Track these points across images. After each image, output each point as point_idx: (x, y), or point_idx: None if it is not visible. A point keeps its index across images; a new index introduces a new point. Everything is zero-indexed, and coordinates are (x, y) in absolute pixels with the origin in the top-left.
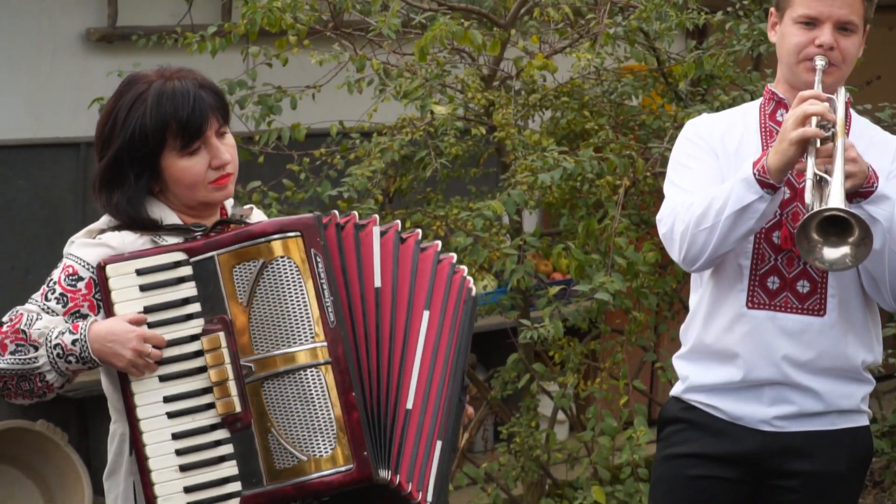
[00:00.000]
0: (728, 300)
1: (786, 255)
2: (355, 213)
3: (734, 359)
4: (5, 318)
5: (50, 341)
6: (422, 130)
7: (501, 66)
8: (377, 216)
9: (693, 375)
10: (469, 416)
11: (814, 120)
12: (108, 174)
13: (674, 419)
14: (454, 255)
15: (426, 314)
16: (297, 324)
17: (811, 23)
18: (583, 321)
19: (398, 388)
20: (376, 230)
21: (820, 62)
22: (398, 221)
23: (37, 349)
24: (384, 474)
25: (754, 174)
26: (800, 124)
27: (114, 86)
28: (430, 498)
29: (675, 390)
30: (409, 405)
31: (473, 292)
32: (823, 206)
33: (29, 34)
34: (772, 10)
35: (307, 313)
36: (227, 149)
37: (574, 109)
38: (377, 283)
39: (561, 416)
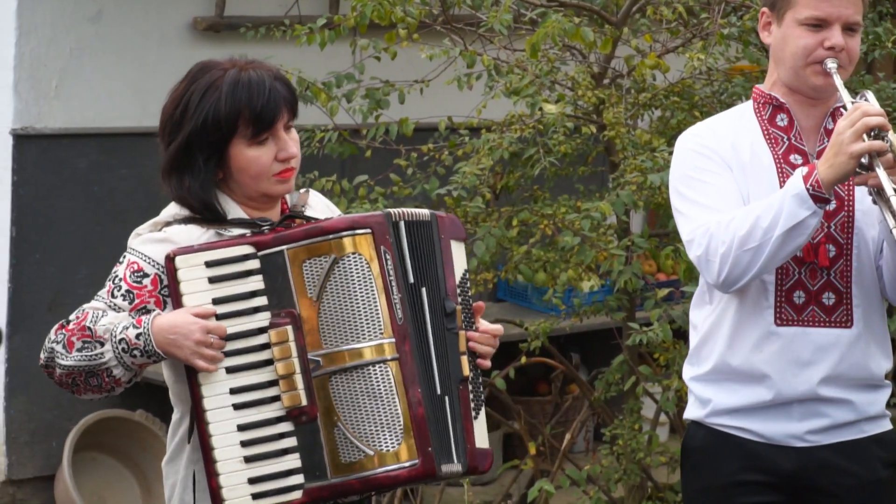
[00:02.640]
0: (754, 319)
1: (808, 268)
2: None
3: (763, 379)
4: (72, 317)
5: (115, 336)
6: (531, 128)
7: (612, 64)
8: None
9: (716, 398)
10: (479, 311)
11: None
12: (177, 158)
13: (700, 448)
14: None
15: (423, 290)
16: (367, 320)
17: (819, 24)
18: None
19: (432, 375)
20: (402, 225)
21: (832, 64)
22: (405, 209)
23: (103, 345)
24: (447, 469)
25: (808, 189)
26: (859, 137)
27: None
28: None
29: (695, 414)
30: (439, 390)
31: (426, 216)
32: None
33: (136, 23)
34: (764, 9)
35: (377, 310)
36: (292, 143)
37: (684, 110)
38: (411, 278)
39: (662, 418)
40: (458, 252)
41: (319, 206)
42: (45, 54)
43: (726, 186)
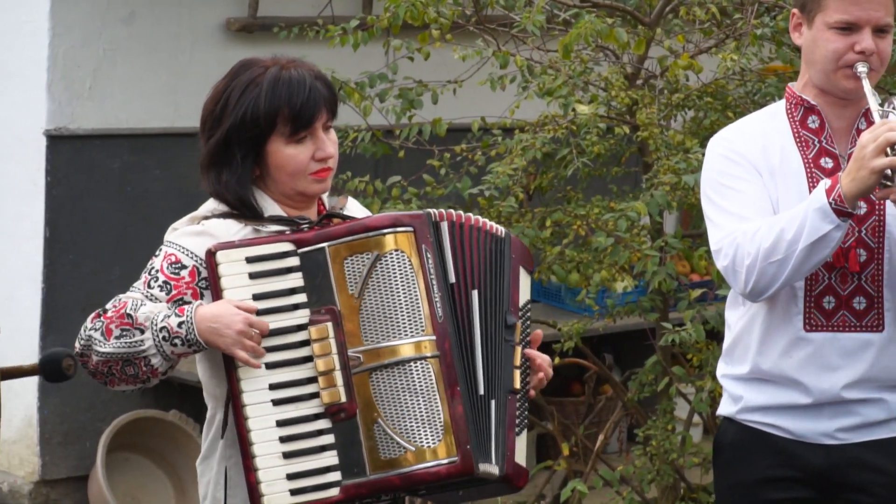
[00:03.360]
0: (783, 324)
1: (839, 273)
2: (454, 210)
3: (795, 385)
4: (108, 305)
5: (156, 325)
6: (564, 128)
7: (645, 64)
8: (453, 211)
9: (748, 396)
10: (535, 341)
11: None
12: (216, 153)
13: (731, 444)
14: (488, 222)
15: (474, 294)
16: (409, 317)
17: (848, 28)
18: (722, 324)
19: (475, 375)
20: (444, 225)
21: (862, 68)
22: (451, 211)
23: (143, 332)
24: (485, 468)
25: (830, 203)
26: (881, 152)
27: None
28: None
29: (727, 410)
30: (482, 390)
31: (501, 233)
32: None
33: (169, 23)
34: (794, 10)
35: (418, 307)
36: (330, 143)
37: (717, 110)
38: (451, 278)
39: (695, 418)
40: (525, 279)
41: (357, 212)
42: (79, 55)
43: (755, 193)
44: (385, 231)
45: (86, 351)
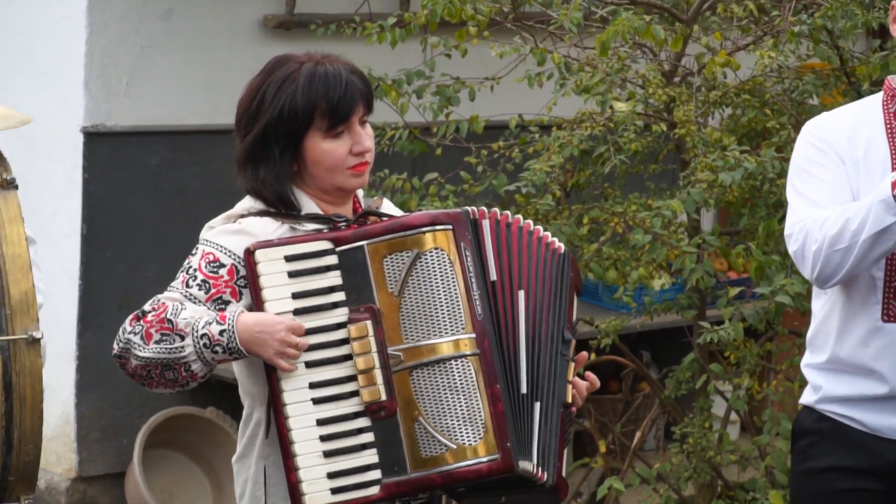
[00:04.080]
0: (862, 314)
1: None
2: (495, 209)
3: (871, 374)
4: (147, 307)
5: (197, 331)
6: (601, 125)
7: (682, 61)
8: (495, 209)
9: (827, 386)
10: (580, 362)
11: None
12: (253, 150)
13: (809, 431)
14: (539, 228)
15: (521, 294)
16: (448, 315)
17: None
18: (760, 322)
19: (517, 374)
20: (486, 223)
21: None
22: (496, 210)
23: (183, 338)
24: (524, 466)
25: (894, 196)
26: None
27: None
28: (547, 473)
29: (808, 399)
30: (524, 389)
31: (562, 250)
32: None
33: (206, 21)
34: (893, 3)
35: (458, 305)
36: (367, 137)
37: (755, 107)
38: (493, 276)
39: (732, 416)
40: (574, 302)
41: (391, 212)
42: (116, 52)
43: (835, 181)
44: (424, 229)
45: (124, 354)
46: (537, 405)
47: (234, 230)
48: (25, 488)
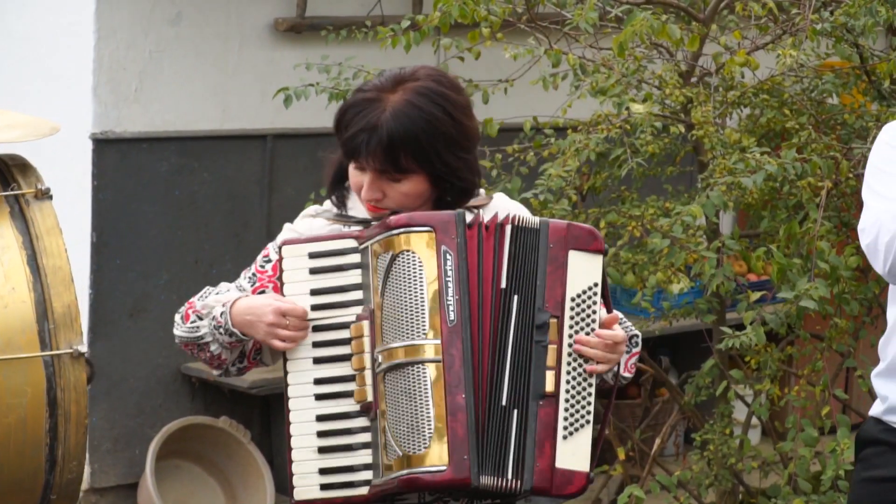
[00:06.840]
0: None
1: None
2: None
3: None
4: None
5: (211, 314)
6: (618, 127)
7: (700, 61)
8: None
9: (893, 396)
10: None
11: None
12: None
13: (874, 441)
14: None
15: (515, 298)
16: (414, 318)
17: None
18: (781, 326)
19: (498, 384)
20: (508, 229)
21: None
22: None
23: (201, 319)
24: (487, 481)
25: None
26: None
27: (302, 77)
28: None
29: (875, 410)
30: (504, 401)
31: (534, 223)
32: None
33: (216, 24)
34: None
35: (421, 309)
36: (397, 195)
37: (774, 107)
38: (503, 283)
39: (753, 421)
40: (582, 263)
41: (502, 208)
42: (125, 57)
43: None
44: (398, 231)
45: (174, 331)
46: (514, 412)
47: (290, 230)
48: None
